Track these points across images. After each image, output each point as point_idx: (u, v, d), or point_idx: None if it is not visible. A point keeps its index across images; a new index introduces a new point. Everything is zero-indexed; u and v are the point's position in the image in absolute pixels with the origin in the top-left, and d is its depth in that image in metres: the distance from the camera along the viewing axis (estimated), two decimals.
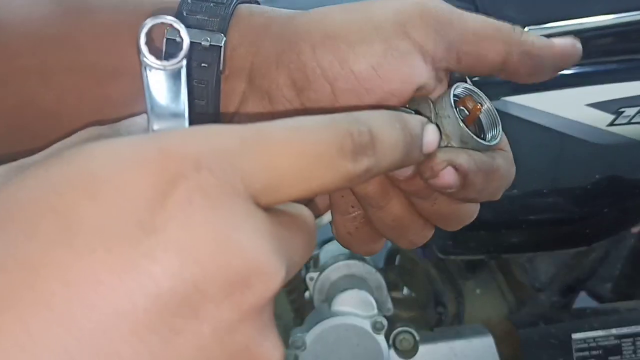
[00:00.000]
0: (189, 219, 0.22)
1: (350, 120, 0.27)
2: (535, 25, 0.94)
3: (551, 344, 1.06)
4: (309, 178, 0.25)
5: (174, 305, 0.21)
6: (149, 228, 0.21)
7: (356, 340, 1.01)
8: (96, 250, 0.21)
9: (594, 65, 0.96)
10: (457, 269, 1.18)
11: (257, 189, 0.24)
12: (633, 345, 1.06)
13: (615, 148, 0.93)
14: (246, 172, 0.23)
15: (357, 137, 0.26)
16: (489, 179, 0.36)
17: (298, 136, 0.25)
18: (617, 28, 0.95)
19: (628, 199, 1.01)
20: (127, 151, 0.22)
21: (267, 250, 0.23)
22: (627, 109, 0.92)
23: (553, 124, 0.92)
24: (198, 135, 0.24)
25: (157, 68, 0.30)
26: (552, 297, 1.15)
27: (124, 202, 0.21)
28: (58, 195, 0.21)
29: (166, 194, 0.22)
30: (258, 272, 0.23)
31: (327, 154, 0.25)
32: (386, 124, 0.28)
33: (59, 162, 0.22)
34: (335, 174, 0.26)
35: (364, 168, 0.27)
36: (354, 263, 1.11)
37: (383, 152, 0.28)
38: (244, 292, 0.22)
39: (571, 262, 1.14)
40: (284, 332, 1.10)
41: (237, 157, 0.23)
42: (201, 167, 0.22)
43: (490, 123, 0.39)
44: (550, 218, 1.00)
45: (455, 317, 1.17)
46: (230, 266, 0.22)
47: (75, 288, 0.20)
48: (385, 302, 1.09)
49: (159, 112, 0.31)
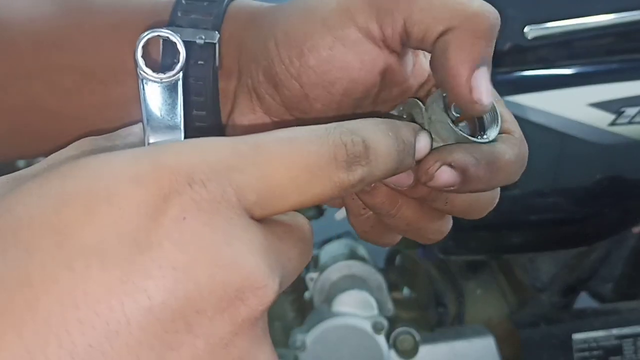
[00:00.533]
0: (183, 235, 0.22)
1: (344, 130, 0.27)
2: (536, 25, 0.93)
3: (552, 344, 1.06)
4: (303, 189, 0.25)
5: (168, 321, 0.21)
6: (143, 244, 0.21)
7: (356, 341, 1.01)
8: (92, 267, 0.21)
9: (594, 65, 0.96)
10: (458, 269, 1.18)
11: (251, 201, 0.24)
12: (634, 346, 1.05)
13: (616, 148, 0.93)
14: (240, 186, 0.24)
15: (351, 148, 0.26)
16: (494, 168, 0.36)
17: (291, 148, 0.25)
18: (618, 27, 0.95)
19: (629, 199, 1.01)
20: (122, 167, 0.23)
21: (260, 264, 0.23)
22: (628, 109, 0.92)
23: (554, 124, 0.92)
24: (192, 149, 0.24)
25: (154, 81, 0.31)
26: (553, 297, 1.15)
27: (119, 219, 0.22)
28: (55, 213, 0.22)
29: (160, 210, 0.22)
30: (252, 287, 0.23)
31: (321, 165, 0.25)
32: (379, 133, 0.28)
33: (55, 177, 0.23)
34: (329, 184, 0.26)
35: (358, 178, 0.27)
36: (354, 263, 1.11)
37: (376, 161, 0.28)
38: (238, 306, 0.23)
39: (572, 262, 1.14)
40: (284, 332, 1.10)
41: (231, 170, 0.24)
42: (194, 181, 0.23)
43: (490, 117, 0.38)
44: (551, 218, 1.00)
45: (456, 317, 1.17)
46: (223, 281, 0.22)
47: (71, 305, 0.21)
48: (385, 303, 1.09)
49: (154, 124, 0.31)
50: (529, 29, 0.94)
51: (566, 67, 0.96)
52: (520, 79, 0.95)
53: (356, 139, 0.27)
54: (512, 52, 0.95)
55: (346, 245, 1.20)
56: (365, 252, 1.19)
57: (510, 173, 0.37)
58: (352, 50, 0.36)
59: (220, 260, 0.22)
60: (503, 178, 0.37)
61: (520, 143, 0.37)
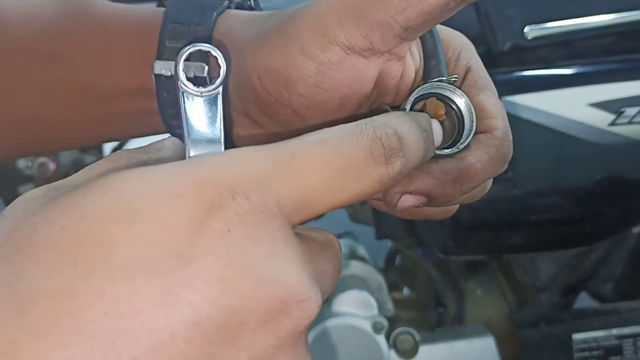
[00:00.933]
0: (227, 248, 0.22)
1: (376, 125, 0.27)
2: (536, 25, 0.93)
3: (552, 344, 1.06)
4: (342, 189, 0.25)
5: (213, 333, 0.21)
6: (187, 257, 0.21)
7: (356, 341, 1.01)
8: (135, 279, 0.21)
9: (594, 65, 0.96)
10: (458, 270, 1.18)
11: (290, 209, 0.24)
12: (634, 346, 1.05)
13: (616, 148, 0.93)
14: (280, 195, 0.24)
15: (387, 141, 0.26)
16: (462, 181, 0.36)
17: (325, 151, 0.25)
18: (618, 27, 0.95)
19: (629, 199, 1.01)
20: (163, 182, 0.23)
21: (303, 278, 0.23)
22: (628, 109, 0.92)
23: (554, 124, 0.92)
24: (230, 161, 0.24)
25: (194, 94, 0.31)
26: (552, 297, 1.15)
27: (162, 232, 0.22)
28: (100, 226, 0.22)
29: (203, 223, 0.22)
30: (296, 300, 0.23)
31: (357, 163, 0.25)
32: (406, 124, 0.28)
33: (96, 191, 0.23)
34: (368, 181, 0.26)
35: (397, 170, 0.27)
36: (354, 263, 1.11)
37: (410, 152, 0.28)
38: (282, 319, 0.23)
39: (572, 262, 1.14)
40: None
41: (271, 180, 0.24)
42: (237, 194, 0.23)
43: (469, 118, 0.37)
44: (551, 218, 1.00)
45: (455, 317, 1.17)
46: (267, 294, 0.22)
47: (116, 317, 0.21)
48: (385, 303, 1.09)
49: (195, 137, 0.32)
50: (529, 29, 0.94)
51: (566, 67, 0.96)
52: (520, 79, 0.95)
53: (389, 131, 0.27)
54: (512, 52, 0.95)
55: (346, 245, 1.20)
56: (365, 252, 1.19)
57: (483, 178, 0.37)
58: (339, 71, 0.35)
59: (264, 274, 0.22)
60: (476, 184, 0.37)
61: (500, 142, 0.37)
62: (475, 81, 0.38)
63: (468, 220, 0.98)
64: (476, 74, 0.39)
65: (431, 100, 0.37)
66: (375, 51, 0.35)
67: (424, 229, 1.11)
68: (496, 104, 0.38)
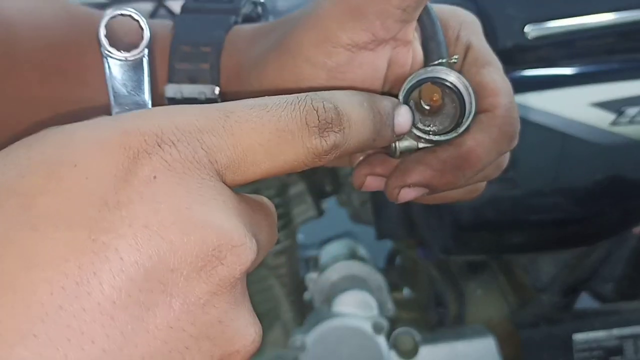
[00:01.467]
0: (154, 194, 0.22)
1: (315, 97, 0.27)
2: (537, 24, 0.93)
3: (552, 344, 1.06)
4: (275, 155, 0.25)
5: (141, 280, 0.21)
6: (112, 204, 0.21)
7: (356, 341, 1.01)
8: (58, 228, 0.21)
9: (595, 65, 0.96)
10: (459, 270, 1.17)
11: (223, 165, 0.24)
12: (634, 346, 1.05)
13: (617, 148, 0.93)
14: (211, 148, 0.24)
15: (322, 113, 0.26)
16: (463, 167, 0.36)
17: (261, 113, 0.25)
18: (619, 27, 0.94)
19: (630, 199, 1.00)
20: (88, 133, 0.22)
21: (238, 223, 0.23)
22: (629, 109, 0.92)
23: (554, 124, 0.92)
24: (160, 114, 0.24)
25: (118, 59, 0.31)
26: (553, 297, 1.15)
27: (85, 181, 0.21)
28: (20, 178, 0.21)
29: (129, 171, 0.22)
30: (229, 245, 0.22)
31: (292, 129, 0.26)
32: (353, 102, 0.28)
33: (20, 146, 0.22)
34: (301, 150, 0.26)
35: (331, 144, 0.27)
36: (354, 263, 1.10)
37: (350, 129, 0.28)
38: (215, 265, 0.22)
39: (573, 262, 1.14)
40: (284, 332, 1.10)
41: (201, 132, 0.23)
42: (163, 142, 0.22)
43: (466, 104, 0.36)
44: (551, 218, 1.00)
45: (456, 317, 1.17)
46: (199, 239, 0.22)
47: (37, 267, 0.20)
48: (385, 303, 1.09)
49: (122, 101, 0.32)
50: (529, 28, 0.93)
51: (567, 66, 0.96)
52: (521, 79, 0.95)
53: (328, 105, 0.27)
54: (512, 52, 0.94)
55: (346, 245, 1.20)
56: (365, 252, 1.19)
57: (488, 160, 0.37)
58: (349, 71, 0.35)
59: (194, 218, 0.22)
60: (481, 168, 0.36)
61: (502, 120, 0.36)
62: (476, 59, 0.38)
63: (468, 220, 0.98)
64: (477, 51, 0.38)
65: (427, 85, 0.36)
66: (380, 41, 0.35)
67: (424, 229, 1.11)
68: (498, 79, 0.37)
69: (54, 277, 0.20)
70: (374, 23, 0.34)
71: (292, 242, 1.12)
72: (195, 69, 0.38)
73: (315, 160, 0.27)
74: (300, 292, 1.15)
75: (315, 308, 1.09)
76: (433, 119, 0.37)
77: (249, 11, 0.42)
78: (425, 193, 0.36)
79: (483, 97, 0.36)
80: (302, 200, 1.13)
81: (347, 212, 1.25)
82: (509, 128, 0.37)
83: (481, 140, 0.36)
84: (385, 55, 0.36)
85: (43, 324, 0.20)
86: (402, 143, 0.37)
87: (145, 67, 0.31)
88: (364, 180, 0.38)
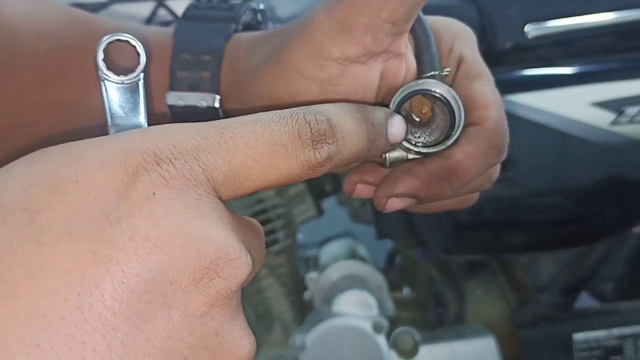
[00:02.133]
0: (154, 208, 0.22)
1: (307, 110, 0.27)
2: (537, 24, 0.93)
3: (552, 344, 1.06)
4: (269, 168, 0.26)
5: (142, 292, 0.22)
6: (113, 218, 0.22)
7: (356, 341, 1.01)
8: (61, 241, 0.21)
9: (595, 64, 0.96)
10: (458, 269, 1.17)
11: (219, 181, 0.25)
12: (634, 345, 1.05)
13: (617, 148, 0.93)
14: (208, 165, 0.24)
15: (315, 126, 0.27)
16: (450, 178, 0.36)
17: (255, 128, 0.26)
18: (619, 26, 0.95)
19: (630, 199, 1.00)
20: (89, 151, 0.23)
21: (233, 238, 0.24)
22: (629, 108, 0.92)
23: (554, 123, 0.92)
24: (158, 133, 0.24)
25: (115, 82, 0.32)
26: (553, 297, 1.15)
27: (87, 196, 0.22)
28: (24, 192, 0.22)
29: (129, 186, 0.22)
30: (226, 258, 0.23)
31: (285, 143, 0.26)
32: (345, 114, 0.29)
33: (22, 162, 0.23)
34: (294, 164, 0.26)
35: (325, 156, 0.27)
36: (354, 263, 1.11)
37: (343, 140, 0.28)
38: (213, 277, 0.23)
39: (572, 262, 1.14)
40: (284, 332, 1.10)
41: (198, 151, 0.24)
42: (162, 160, 0.23)
43: (456, 116, 0.37)
44: (551, 218, 1.00)
45: (456, 317, 1.17)
46: (196, 253, 0.23)
47: (40, 278, 0.21)
48: (385, 303, 1.09)
49: (118, 122, 0.33)
50: (529, 27, 0.93)
51: (567, 66, 0.96)
52: (521, 78, 0.95)
53: (320, 117, 0.27)
54: (512, 51, 0.95)
55: (346, 245, 1.20)
56: (365, 252, 1.19)
57: (476, 172, 0.37)
58: (341, 84, 0.36)
59: (192, 232, 0.23)
60: (468, 180, 0.37)
61: (491, 133, 0.37)
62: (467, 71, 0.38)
63: (468, 220, 0.98)
64: (469, 64, 0.38)
65: (417, 97, 0.37)
66: (371, 54, 0.35)
67: (424, 229, 1.11)
68: (488, 92, 0.37)
69: (57, 288, 0.21)
70: (364, 37, 0.34)
71: (292, 242, 1.12)
72: (196, 77, 0.39)
73: (310, 172, 0.27)
74: (300, 292, 1.15)
75: (315, 308, 1.09)
76: (423, 131, 0.37)
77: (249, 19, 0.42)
78: (413, 203, 0.37)
79: (473, 110, 0.37)
80: (302, 199, 1.13)
81: (347, 212, 1.25)
82: (498, 141, 0.37)
83: (469, 152, 0.36)
84: (377, 68, 0.36)
85: (45, 333, 0.20)
86: (392, 154, 0.37)
87: (141, 90, 0.32)
88: (354, 188, 0.39)
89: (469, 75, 0.38)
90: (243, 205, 1.07)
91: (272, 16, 0.94)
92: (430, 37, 0.38)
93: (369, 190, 0.39)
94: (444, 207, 0.40)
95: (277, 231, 1.08)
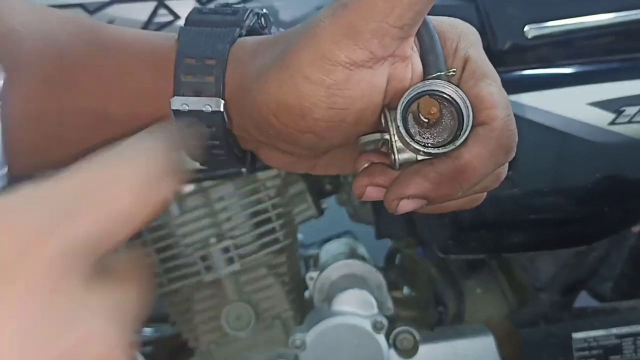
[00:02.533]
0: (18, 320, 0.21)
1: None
2: (536, 24, 0.93)
3: (552, 343, 1.06)
4: (131, 222, 0.25)
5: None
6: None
7: (356, 340, 1.01)
8: None
9: (594, 64, 0.96)
10: (458, 269, 1.18)
11: (90, 247, 0.23)
12: (634, 345, 1.05)
13: (616, 147, 0.93)
14: (75, 237, 0.23)
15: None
16: (459, 179, 0.36)
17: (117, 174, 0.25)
18: (618, 26, 0.95)
19: (629, 198, 1.01)
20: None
21: (104, 325, 0.23)
22: (628, 108, 0.92)
23: (554, 123, 0.92)
24: (19, 208, 0.23)
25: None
26: (552, 296, 1.15)
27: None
28: None
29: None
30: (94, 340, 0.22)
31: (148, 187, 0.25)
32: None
33: None
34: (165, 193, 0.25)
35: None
36: (354, 262, 1.11)
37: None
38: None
39: (572, 261, 1.14)
40: (284, 331, 1.10)
41: (66, 219, 0.23)
42: (28, 252, 0.22)
43: (464, 116, 0.37)
44: (551, 217, 1.00)
45: (455, 316, 1.17)
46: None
47: None
48: (385, 302, 1.09)
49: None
50: (528, 28, 0.94)
51: (566, 66, 0.96)
52: (520, 78, 0.95)
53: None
54: (511, 51, 0.95)
55: (346, 244, 1.20)
56: (365, 251, 1.19)
57: (484, 173, 0.37)
58: (348, 88, 0.36)
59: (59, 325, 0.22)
60: (478, 180, 0.37)
61: (499, 133, 0.37)
62: (474, 71, 0.38)
63: (468, 219, 0.98)
64: (475, 64, 0.38)
65: (425, 98, 0.37)
66: (378, 59, 0.35)
67: (424, 229, 1.11)
68: (496, 92, 0.37)
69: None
70: (371, 42, 0.34)
71: (292, 241, 1.12)
72: (200, 81, 0.39)
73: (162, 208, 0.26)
74: (300, 291, 1.15)
75: (315, 307, 1.09)
76: (431, 131, 0.37)
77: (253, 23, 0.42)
78: (424, 204, 0.37)
79: (480, 110, 0.36)
80: (302, 199, 1.13)
81: (347, 212, 1.25)
82: (506, 141, 0.37)
83: (478, 152, 0.36)
84: (384, 72, 0.36)
85: None
86: (402, 155, 0.37)
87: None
88: (364, 191, 0.39)
89: (476, 75, 0.38)
90: (243, 205, 1.07)
91: (275, 20, 0.94)
92: (435, 38, 0.38)
93: (379, 192, 0.38)
94: (451, 207, 0.40)
95: (277, 231, 1.08)
